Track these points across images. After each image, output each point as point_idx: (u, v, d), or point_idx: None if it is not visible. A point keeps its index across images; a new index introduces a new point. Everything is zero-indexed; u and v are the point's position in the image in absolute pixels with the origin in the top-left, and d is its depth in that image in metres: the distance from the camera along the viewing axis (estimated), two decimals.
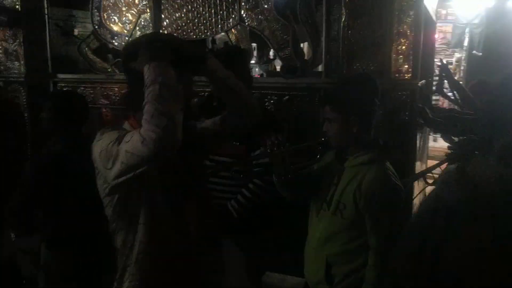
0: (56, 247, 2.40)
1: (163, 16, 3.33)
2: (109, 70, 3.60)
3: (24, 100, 3.77)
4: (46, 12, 3.74)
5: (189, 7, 3.22)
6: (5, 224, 2.50)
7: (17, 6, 3.66)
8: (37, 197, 2.32)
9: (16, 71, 3.78)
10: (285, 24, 2.98)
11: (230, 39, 3.16)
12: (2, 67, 3.83)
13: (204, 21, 3.20)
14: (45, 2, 3.74)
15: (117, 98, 3.60)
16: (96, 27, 3.57)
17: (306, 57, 3.09)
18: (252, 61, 3.65)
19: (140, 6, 3.39)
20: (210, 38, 3.63)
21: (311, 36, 2.94)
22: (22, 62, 3.74)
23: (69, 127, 2.42)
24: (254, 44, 3.41)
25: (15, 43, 3.75)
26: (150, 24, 3.38)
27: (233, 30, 3.14)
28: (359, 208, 1.79)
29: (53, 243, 2.41)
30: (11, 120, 3.13)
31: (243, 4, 3.07)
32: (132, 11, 3.43)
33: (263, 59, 3.75)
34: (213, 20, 3.17)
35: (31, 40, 3.75)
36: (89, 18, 4.35)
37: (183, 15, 3.25)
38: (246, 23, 3.08)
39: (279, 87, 3.06)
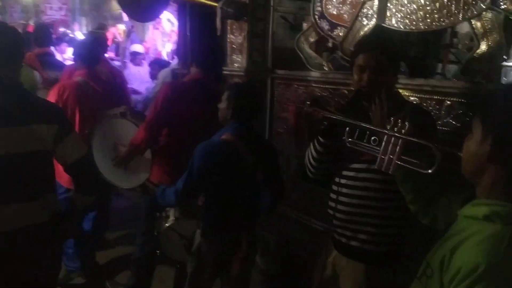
0: (211, 234, 2.41)
1: (389, 1, 2.68)
2: (324, 67, 3.16)
3: None
4: (271, 3, 3.54)
5: None
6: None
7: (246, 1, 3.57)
8: (202, 182, 2.31)
9: (239, 64, 3.73)
10: None
11: (474, 30, 2.28)
12: (228, 60, 3.84)
13: (440, 7, 2.41)
14: None
15: (329, 102, 3.13)
16: (317, 17, 3.16)
17: None
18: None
19: None
20: (449, 30, 2.80)
21: None
22: (245, 56, 3.65)
23: (241, 118, 2.35)
24: None
25: (240, 36, 3.68)
26: (373, 12, 2.78)
27: (481, 17, 2.25)
28: (443, 282, 1.11)
29: (209, 230, 2.41)
30: None
31: None
32: None
33: None
34: (452, 4, 2.35)
35: (255, 33, 3.61)
36: None
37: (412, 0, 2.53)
38: (502, 7, 2.17)
39: None
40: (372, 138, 1.63)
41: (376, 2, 2.75)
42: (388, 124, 1.56)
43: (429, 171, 1.41)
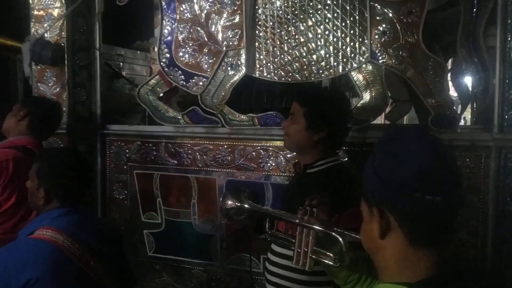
0: None
1: (258, 52, 2.59)
2: (180, 120, 2.82)
3: None
4: (97, 47, 2.99)
5: (298, 40, 2.49)
6: None
7: (62, 43, 2.92)
8: None
9: None
10: (438, 62, 2.26)
11: (355, 81, 2.41)
12: None
13: (318, 59, 2.46)
14: (97, 35, 3.00)
15: (189, 157, 2.79)
16: (164, 65, 2.81)
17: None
18: None
19: (227, 40, 2.65)
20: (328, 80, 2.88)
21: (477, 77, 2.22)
22: (65, 109, 2.94)
23: (66, 202, 1.63)
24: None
25: (57, 86, 2.97)
26: (240, 62, 2.64)
27: (361, 69, 2.39)
28: None
29: None
30: None
31: (376, 36, 2.35)
32: (215, 46, 2.69)
33: None
34: (331, 57, 2.44)
35: (78, 83, 2.97)
36: (138, 58, 3.70)
37: (287, 51, 2.52)
38: (380, 61, 2.35)
39: None
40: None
41: (242, 52, 2.62)
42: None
43: (337, 264, 1.25)
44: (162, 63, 2.81)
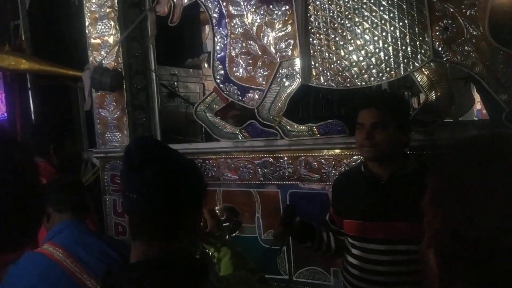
0: None
1: (313, 60, 2.54)
2: (238, 135, 2.81)
3: None
4: (153, 69, 3.05)
5: (354, 44, 2.42)
6: None
7: (119, 69, 2.99)
8: None
9: (117, 144, 3.06)
10: (510, 55, 2.12)
11: (419, 82, 2.30)
12: (99, 140, 3.13)
13: (377, 62, 2.38)
14: (152, 58, 3.06)
15: (250, 171, 2.78)
16: (219, 82, 2.81)
17: None
18: None
19: (281, 50, 2.62)
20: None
21: None
22: (126, 132, 3.01)
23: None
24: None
25: (117, 110, 3.05)
26: (295, 72, 2.60)
27: (424, 69, 2.28)
28: None
29: None
30: None
31: (437, 33, 2.24)
32: (269, 58, 2.66)
33: None
34: (391, 59, 2.34)
35: (137, 106, 3.04)
36: (191, 76, 3.74)
37: (344, 56, 2.45)
38: (445, 59, 2.24)
39: None
40: None
41: (296, 62, 2.58)
42: None
43: None
44: (217, 80, 2.83)
